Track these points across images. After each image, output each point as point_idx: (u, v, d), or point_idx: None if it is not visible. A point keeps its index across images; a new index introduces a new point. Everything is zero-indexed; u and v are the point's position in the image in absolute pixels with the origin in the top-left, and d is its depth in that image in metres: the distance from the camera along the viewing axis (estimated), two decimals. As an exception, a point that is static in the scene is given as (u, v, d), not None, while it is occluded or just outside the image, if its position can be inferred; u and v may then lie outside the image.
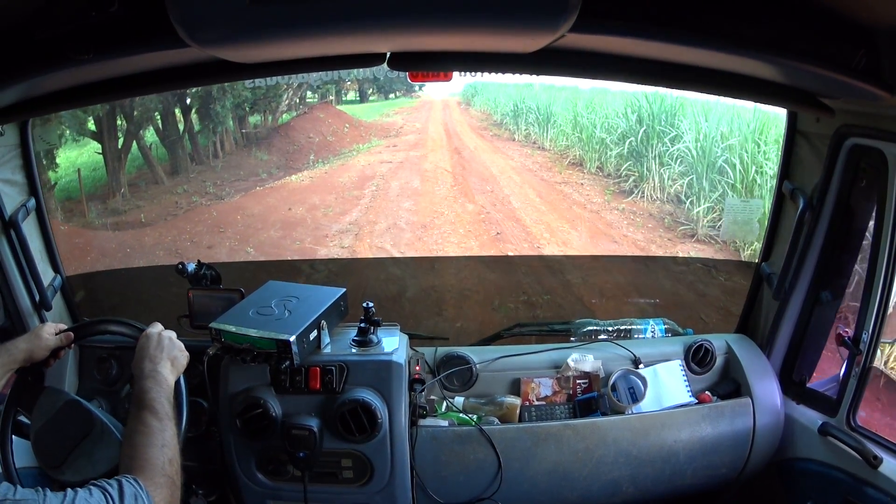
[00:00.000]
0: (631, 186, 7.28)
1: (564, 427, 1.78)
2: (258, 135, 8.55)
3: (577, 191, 7.67)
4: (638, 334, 2.06)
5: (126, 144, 7.40)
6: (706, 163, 6.58)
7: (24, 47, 1.15)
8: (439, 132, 10.10)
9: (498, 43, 1.28)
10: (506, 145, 9.37)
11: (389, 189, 7.52)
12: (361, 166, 8.22)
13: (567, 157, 8.52)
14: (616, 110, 7.93)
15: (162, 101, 7.48)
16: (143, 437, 1.17)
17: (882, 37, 1.17)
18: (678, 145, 6.91)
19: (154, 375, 1.33)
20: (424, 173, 8.20)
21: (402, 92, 10.86)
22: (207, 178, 7.69)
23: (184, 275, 1.86)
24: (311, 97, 9.34)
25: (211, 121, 8.01)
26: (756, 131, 6.25)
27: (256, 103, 8.60)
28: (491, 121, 10.51)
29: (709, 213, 6.40)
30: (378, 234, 6.42)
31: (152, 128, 7.76)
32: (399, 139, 9.42)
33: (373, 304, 1.74)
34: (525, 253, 6.31)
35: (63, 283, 1.98)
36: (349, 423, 1.60)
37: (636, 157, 7.38)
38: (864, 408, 1.72)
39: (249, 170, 7.93)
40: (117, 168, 7.31)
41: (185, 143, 7.83)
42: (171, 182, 7.61)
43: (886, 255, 1.59)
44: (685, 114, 6.93)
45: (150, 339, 1.43)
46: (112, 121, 7.26)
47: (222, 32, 1.05)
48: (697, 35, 1.13)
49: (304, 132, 8.74)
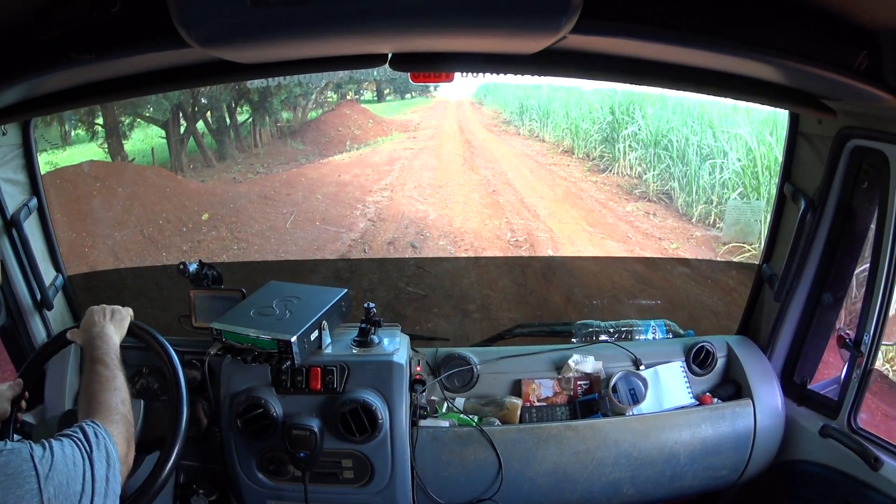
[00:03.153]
0: (605, 165, 9.26)
1: (565, 428, 1.78)
2: (291, 128, 10.30)
3: (563, 170, 9.61)
4: (639, 335, 2.06)
5: (188, 130, 9.11)
6: (653, 141, 8.49)
7: (26, 47, 1.15)
8: (453, 128, 11.83)
9: (499, 44, 1.28)
10: (511, 138, 11.25)
11: (413, 166, 9.51)
12: (388, 151, 10.17)
13: (561, 146, 10.44)
14: (596, 105, 9.90)
15: (213, 97, 9.30)
16: (96, 385, 1.29)
17: (884, 38, 1.17)
18: (631, 128, 8.94)
19: (101, 335, 1.44)
20: (440, 156, 10.14)
21: (418, 92, 12.58)
22: (254, 161, 9.39)
23: (185, 275, 1.86)
24: (331, 97, 11.18)
25: (257, 114, 9.90)
26: (695, 116, 8.01)
27: (287, 101, 10.35)
28: (501, 119, 12.28)
29: (657, 179, 8.23)
30: (407, 191, 8.46)
31: (201, 120, 9.55)
32: (417, 133, 11.23)
33: (374, 305, 1.74)
34: (514, 205, 8.12)
35: (65, 282, 1.98)
36: (350, 424, 1.61)
37: (609, 142, 9.35)
38: (865, 410, 1.72)
39: (288, 157, 9.62)
40: (179, 150, 8.99)
41: (230, 133, 9.61)
42: (221, 165, 9.23)
43: (888, 257, 1.58)
44: (643, 104, 8.80)
45: (94, 311, 1.52)
46: (176, 112, 9.00)
47: (224, 33, 1.05)
48: (699, 37, 1.13)
49: (333, 126, 10.60)
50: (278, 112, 10.25)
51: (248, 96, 9.73)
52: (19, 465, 0.93)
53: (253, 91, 9.53)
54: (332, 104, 11.10)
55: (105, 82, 1.45)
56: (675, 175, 7.86)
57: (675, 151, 7.97)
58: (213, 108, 9.49)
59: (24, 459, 0.94)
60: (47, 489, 0.93)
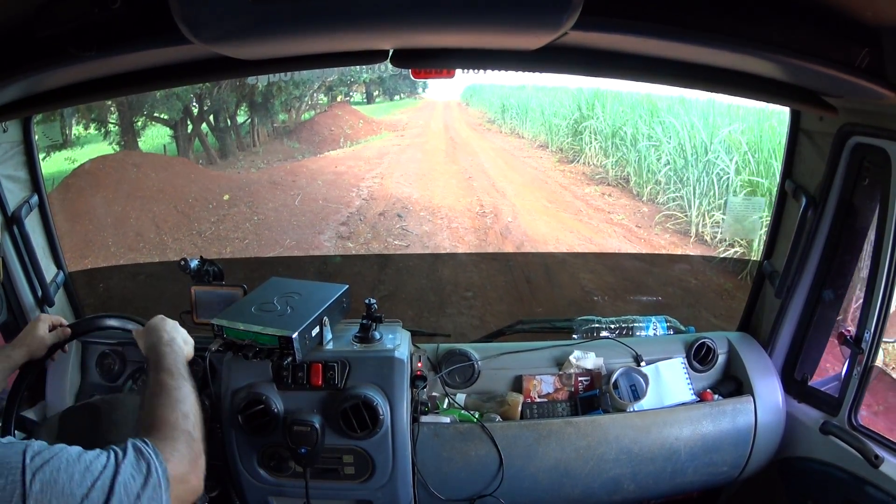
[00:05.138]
0: (573, 156, 10.45)
1: (566, 424, 1.78)
2: (287, 128, 11.27)
3: (536, 161, 10.85)
4: (640, 332, 2.06)
5: (195, 130, 10.08)
6: (611, 133, 9.61)
7: (26, 44, 1.15)
8: (439, 127, 12.98)
9: (501, 40, 1.28)
10: (493, 136, 12.53)
11: (400, 159, 10.72)
12: (378, 147, 11.34)
13: (537, 141, 11.69)
14: (566, 102, 11.16)
15: (220, 98, 10.15)
16: (156, 398, 1.18)
17: (886, 35, 1.16)
18: (594, 122, 10.08)
19: (171, 344, 1.36)
20: (425, 151, 11.33)
21: (407, 94, 13.66)
22: (254, 158, 10.37)
23: (186, 271, 1.87)
24: (321, 99, 12.16)
25: (256, 115, 10.75)
26: (645, 109, 9.21)
27: (286, 102, 11.27)
28: (486, 118, 13.56)
29: (615, 166, 9.34)
30: (395, 178, 9.72)
31: (205, 121, 10.45)
32: (406, 131, 12.38)
33: (375, 301, 1.75)
34: (486, 188, 9.40)
35: (66, 279, 1.98)
36: (351, 420, 1.61)
37: (577, 135, 10.52)
38: (865, 407, 1.72)
39: (286, 154, 10.66)
40: (187, 148, 9.97)
41: (231, 133, 10.50)
42: (224, 162, 10.19)
43: (889, 254, 1.58)
44: (603, 100, 10.00)
45: (163, 320, 1.46)
46: (185, 114, 9.97)
47: (225, 29, 1.05)
48: (701, 33, 1.13)
49: (326, 126, 11.65)
50: (277, 113, 11.06)
51: (252, 97, 10.47)
52: (9, 457, 0.92)
53: (257, 93, 10.36)
54: (324, 106, 12.12)
55: (105, 79, 1.45)
56: (630, 161, 9.01)
57: (629, 141, 9.19)
58: (217, 110, 10.22)
59: (15, 452, 0.93)
60: (33, 484, 0.91)
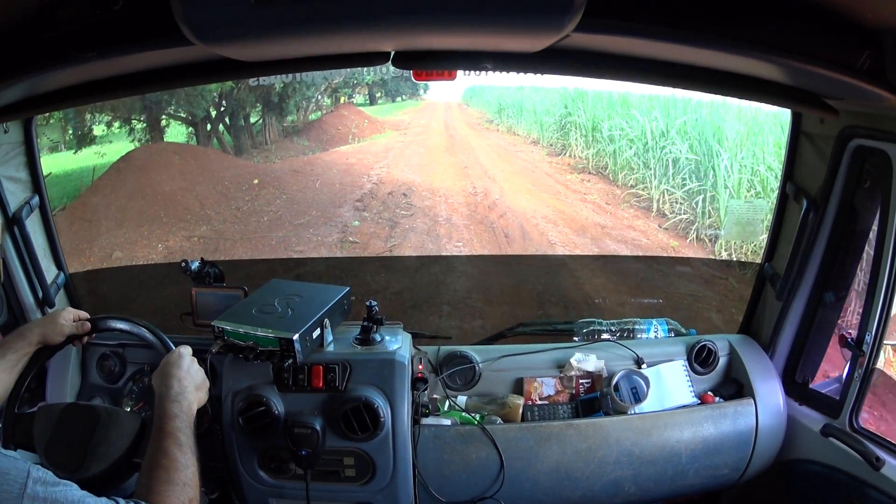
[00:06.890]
0: (560, 150, 11.39)
1: (567, 426, 1.78)
2: (296, 128, 12.01)
3: (527, 154, 11.84)
4: (641, 334, 2.06)
5: (213, 128, 10.82)
6: (591, 127, 10.73)
7: (28, 45, 1.15)
8: (440, 126, 13.80)
9: (502, 42, 1.28)
10: (490, 134, 13.40)
11: (404, 153, 11.76)
12: (383, 144, 12.36)
13: (530, 138, 12.53)
14: (555, 101, 12.04)
15: (239, 98, 10.85)
16: (163, 473, 1.13)
17: (887, 38, 1.16)
18: (577, 118, 11.10)
19: (180, 400, 1.29)
20: (427, 146, 12.33)
21: (408, 95, 14.22)
22: (268, 154, 11.19)
23: (187, 272, 1.87)
24: (325, 101, 12.82)
25: (267, 115, 11.43)
26: (618, 104, 10.31)
27: (299, 102, 12.02)
28: (484, 118, 14.29)
29: (595, 157, 10.44)
30: (400, 168, 10.87)
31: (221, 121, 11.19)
32: (408, 130, 13.26)
33: (376, 303, 1.74)
34: (479, 175, 10.59)
35: (66, 280, 1.98)
36: (352, 422, 1.60)
37: (563, 131, 11.52)
38: (866, 409, 1.72)
39: (297, 151, 11.50)
40: (207, 145, 10.67)
41: (245, 132, 11.26)
42: (240, 159, 10.91)
43: (890, 257, 1.58)
44: (584, 98, 11.04)
45: (183, 358, 1.39)
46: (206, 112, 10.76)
47: (227, 31, 1.05)
48: (702, 36, 1.13)
49: (333, 125, 12.51)
50: (289, 113, 11.80)
51: (269, 97, 11.25)
52: (10, 471, 0.91)
53: (274, 94, 11.18)
54: (328, 107, 12.87)
55: (107, 80, 1.45)
56: (607, 152, 10.19)
57: (605, 133, 10.42)
58: (234, 109, 11.01)
59: (18, 469, 0.91)
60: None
